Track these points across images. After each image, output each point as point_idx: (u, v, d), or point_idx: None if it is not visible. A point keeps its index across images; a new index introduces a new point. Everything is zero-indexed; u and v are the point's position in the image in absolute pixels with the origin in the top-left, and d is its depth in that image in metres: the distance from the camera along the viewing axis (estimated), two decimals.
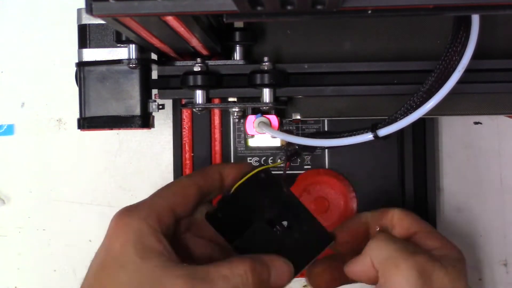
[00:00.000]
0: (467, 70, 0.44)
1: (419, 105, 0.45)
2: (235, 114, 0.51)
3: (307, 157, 0.62)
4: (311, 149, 0.49)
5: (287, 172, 0.54)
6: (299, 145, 0.50)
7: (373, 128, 0.45)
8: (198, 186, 0.46)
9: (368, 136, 0.45)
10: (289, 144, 0.50)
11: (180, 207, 0.45)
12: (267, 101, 0.49)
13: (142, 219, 0.42)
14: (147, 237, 0.42)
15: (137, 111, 0.50)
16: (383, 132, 0.45)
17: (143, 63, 0.50)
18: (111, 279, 0.41)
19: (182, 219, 0.46)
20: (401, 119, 0.45)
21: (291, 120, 0.52)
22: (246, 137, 0.56)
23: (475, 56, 0.44)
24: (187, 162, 0.62)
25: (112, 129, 0.51)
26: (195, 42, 0.45)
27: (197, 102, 0.49)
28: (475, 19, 0.44)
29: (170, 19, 0.37)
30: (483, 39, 0.44)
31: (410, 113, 0.45)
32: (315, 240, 0.47)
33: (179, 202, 0.45)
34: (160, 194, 0.45)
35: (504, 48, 0.50)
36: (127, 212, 0.43)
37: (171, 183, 0.47)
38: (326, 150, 0.62)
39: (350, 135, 0.46)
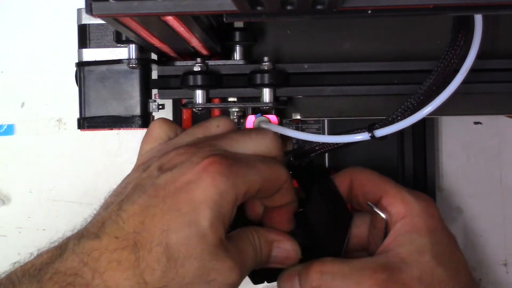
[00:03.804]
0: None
1: (416, 106, 0.44)
2: (235, 114, 0.51)
3: None
4: (305, 156, 0.49)
5: None
6: (292, 152, 0.50)
7: (370, 128, 0.45)
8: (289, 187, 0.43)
9: (364, 136, 0.45)
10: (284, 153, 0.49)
11: (261, 193, 0.41)
12: (267, 101, 0.49)
13: (238, 190, 0.38)
14: (227, 213, 0.38)
15: (137, 111, 0.50)
16: (380, 133, 0.45)
17: (143, 63, 0.50)
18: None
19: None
20: (398, 120, 0.45)
21: (291, 120, 0.52)
22: None
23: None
24: None
25: (112, 129, 0.51)
26: (195, 42, 0.45)
27: (197, 102, 0.49)
28: (478, 19, 0.43)
29: (170, 19, 0.37)
30: (482, 39, 0.44)
31: (408, 113, 0.44)
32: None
33: (266, 188, 0.41)
34: (261, 168, 0.40)
35: (504, 48, 0.50)
36: (231, 170, 0.38)
37: (271, 161, 0.42)
38: (326, 154, 0.61)
39: (347, 134, 0.46)
